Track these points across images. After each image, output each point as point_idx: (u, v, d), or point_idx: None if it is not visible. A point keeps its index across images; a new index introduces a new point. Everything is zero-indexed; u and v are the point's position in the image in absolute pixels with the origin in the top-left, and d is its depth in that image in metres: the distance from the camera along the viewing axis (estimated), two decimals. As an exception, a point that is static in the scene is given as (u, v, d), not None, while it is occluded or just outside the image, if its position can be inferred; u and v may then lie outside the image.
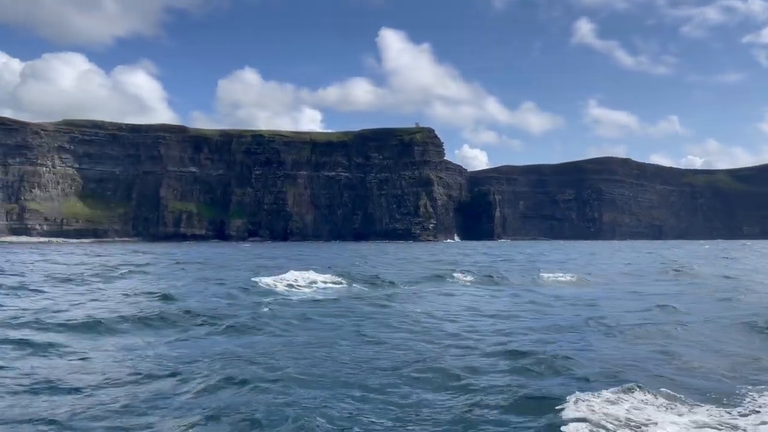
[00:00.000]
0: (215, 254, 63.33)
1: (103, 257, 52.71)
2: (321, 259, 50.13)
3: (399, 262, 47.96)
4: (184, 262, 44.67)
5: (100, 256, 60.63)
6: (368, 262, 44.79)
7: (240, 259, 51.18)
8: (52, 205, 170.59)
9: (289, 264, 41.52)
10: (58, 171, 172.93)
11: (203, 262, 43.58)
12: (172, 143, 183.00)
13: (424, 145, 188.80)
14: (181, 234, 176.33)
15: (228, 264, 42.22)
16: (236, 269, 35.76)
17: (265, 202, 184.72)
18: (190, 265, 39.49)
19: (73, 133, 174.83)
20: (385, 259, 53.21)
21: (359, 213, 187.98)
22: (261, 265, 39.12)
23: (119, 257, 54.52)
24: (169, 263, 42.36)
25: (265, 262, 46.76)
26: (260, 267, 37.73)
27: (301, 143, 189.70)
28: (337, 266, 37.46)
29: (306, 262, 42.96)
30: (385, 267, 39.50)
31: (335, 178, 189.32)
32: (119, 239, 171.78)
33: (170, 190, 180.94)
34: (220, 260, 47.93)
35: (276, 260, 50.38)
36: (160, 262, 46.78)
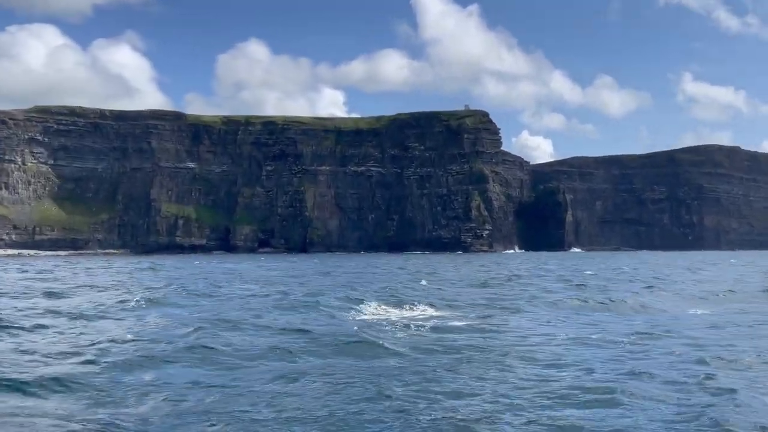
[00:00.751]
0: (223, 270, 56.28)
1: (91, 273, 45.82)
2: (366, 279, 42.71)
3: (486, 279, 39.84)
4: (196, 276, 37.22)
5: (88, 270, 53.86)
6: (437, 283, 38.10)
7: (256, 277, 43.74)
8: (22, 210, 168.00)
9: (328, 285, 35.70)
10: (29, 168, 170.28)
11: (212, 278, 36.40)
12: (166, 133, 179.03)
13: (475, 132, 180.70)
14: (177, 244, 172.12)
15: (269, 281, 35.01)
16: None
17: (279, 204, 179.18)
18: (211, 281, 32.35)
19: (47, 122, 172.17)
20: (448, 274, 45.46)
21: (395, 218, 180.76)
22: (284, 290, 31.45)
23: (108, 275, 47.78)
24: (187, 280, 35.01)
25: (288, 282, 39.17)
26: (289, 292, 30.09)
27: (322, 132, 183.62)
28: (399, 290, 32.09)
29: (348, 284, 36.98)
30: (467, 288, 32.18)
31: (365, 175, 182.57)
32: (102, 251, 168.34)
33: (163, 190, 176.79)
34: (251, 276, 40.62)
35: (304, 279, 42.92)
36: (174, 277, 39.29)
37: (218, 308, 23.32)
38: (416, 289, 31.75)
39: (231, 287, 34.21)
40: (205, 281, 39.55)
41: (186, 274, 50.18)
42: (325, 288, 32.78)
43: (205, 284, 36.62)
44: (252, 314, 20.99)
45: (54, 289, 31.12)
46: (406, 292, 29.84)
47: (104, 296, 28.12)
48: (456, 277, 45.33)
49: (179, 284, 35.72)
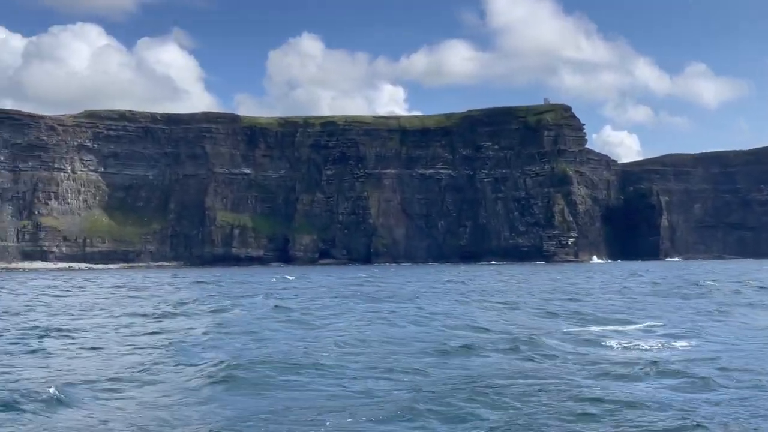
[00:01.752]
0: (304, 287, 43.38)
1: (163, 291, 34.15)
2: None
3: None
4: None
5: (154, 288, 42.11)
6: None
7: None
8: (72, 221, 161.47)
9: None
10: (79, 177, 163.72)
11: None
12: (220, 137, 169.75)
13: (557, 128, 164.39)
14: (233, 255, 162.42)
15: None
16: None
17: (340, 211, 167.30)
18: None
19: (97, 127, 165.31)
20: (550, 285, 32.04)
21: (467, 225, 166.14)
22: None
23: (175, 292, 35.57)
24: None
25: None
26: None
27: (386, 132, 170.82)
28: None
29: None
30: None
31: (434, 178, 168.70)
32: (154, 263, 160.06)
33: (218, 198, 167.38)
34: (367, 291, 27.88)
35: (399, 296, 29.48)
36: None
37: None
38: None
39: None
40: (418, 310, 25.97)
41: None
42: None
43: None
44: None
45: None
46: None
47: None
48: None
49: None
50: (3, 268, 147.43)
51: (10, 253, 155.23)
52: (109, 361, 17.44)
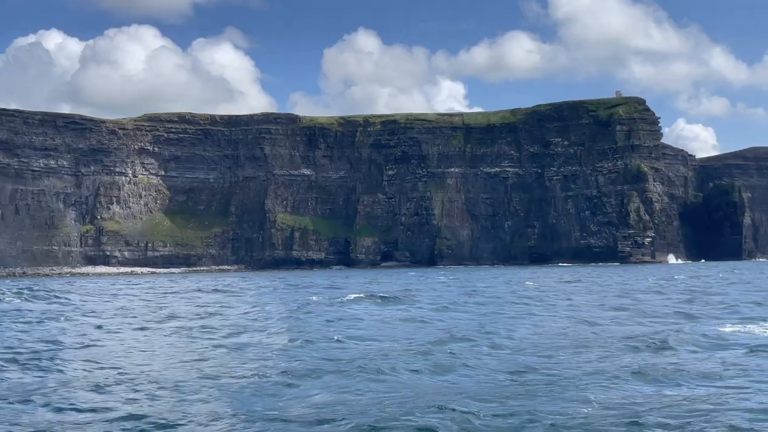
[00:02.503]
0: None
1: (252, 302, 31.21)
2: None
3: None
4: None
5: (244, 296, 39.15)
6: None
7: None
8: (134, 225, 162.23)
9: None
10: (140, 181, 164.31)
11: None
12: (279, 138, 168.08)
13: (630, 122, 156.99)
14: (294, 258, 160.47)
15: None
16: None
17: (403, 212, 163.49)
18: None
19: (157, 130, 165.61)
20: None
21: (536, 225, 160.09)
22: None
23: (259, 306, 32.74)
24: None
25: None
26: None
27: (449, 129, 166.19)
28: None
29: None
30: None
31: (500, 176, 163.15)
32: (215, 267, 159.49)
33: (278, 200, 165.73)
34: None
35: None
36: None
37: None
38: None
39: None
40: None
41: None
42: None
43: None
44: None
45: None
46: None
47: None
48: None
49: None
50: (67, 272, 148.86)
51: (74, 258, 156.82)
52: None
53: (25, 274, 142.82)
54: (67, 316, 31.58)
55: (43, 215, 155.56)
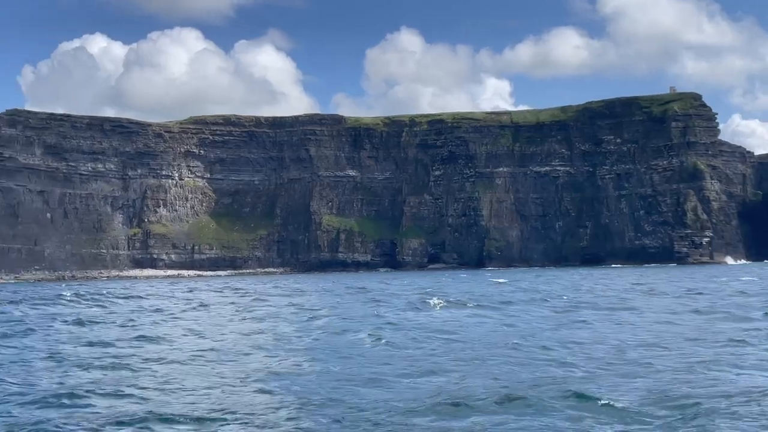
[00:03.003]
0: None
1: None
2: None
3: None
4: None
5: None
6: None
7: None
8: (181, 228, 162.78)
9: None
10: (186, 183, 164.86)
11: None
12: (324, 139, 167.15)
13: (685, 119, 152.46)
14: (339, 261, 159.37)
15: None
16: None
17: (450, 213, 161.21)
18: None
19: (203, 133, 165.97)
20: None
21: (588, 225, 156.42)
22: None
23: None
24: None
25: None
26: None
27: (497, 128, 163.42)
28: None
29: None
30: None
31: (550, 175, 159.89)
32: (261, 269, 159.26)
33: (323, 201, 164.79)
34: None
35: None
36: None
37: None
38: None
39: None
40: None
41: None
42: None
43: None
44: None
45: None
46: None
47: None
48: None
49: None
50: (115, 275, 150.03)
51: (122, 261, 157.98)
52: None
53: (75, 278, 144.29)
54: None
55: (92, 219, 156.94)
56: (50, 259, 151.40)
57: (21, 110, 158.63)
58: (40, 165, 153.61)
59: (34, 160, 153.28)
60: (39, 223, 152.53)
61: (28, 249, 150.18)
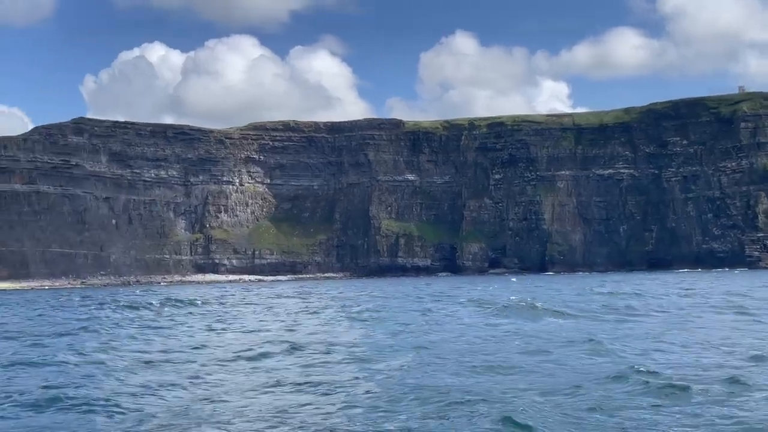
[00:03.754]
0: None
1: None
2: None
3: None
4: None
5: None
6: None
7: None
8: (241, 233, 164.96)
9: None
10: (247, 189, 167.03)
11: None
12: (383, 144, 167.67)
13: (755, 119, 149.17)
14: (399, 265, 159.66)
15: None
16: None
17: (511, 217, 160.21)
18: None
19: (263, 139, 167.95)
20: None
21: (653, 228, 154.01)
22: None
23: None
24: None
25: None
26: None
27: (559, 130, 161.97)
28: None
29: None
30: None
31: (613, 178, 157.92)
32: (321, 274, 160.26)
33: (382, 206, 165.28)
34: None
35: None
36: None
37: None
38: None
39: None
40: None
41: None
42: None
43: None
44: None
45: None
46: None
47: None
48: None
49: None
50: (178, 280, 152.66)
51: (184, 266, 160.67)
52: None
53: (139, 282, 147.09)
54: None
55: (155, 225, 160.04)
56: (116, 264, 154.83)
57: (87, 119, 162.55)
58: (105, 172, 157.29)
59: (99, 167, 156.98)
60: (105, 229, 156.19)
61: (94, 254, 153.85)
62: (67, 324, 37.20)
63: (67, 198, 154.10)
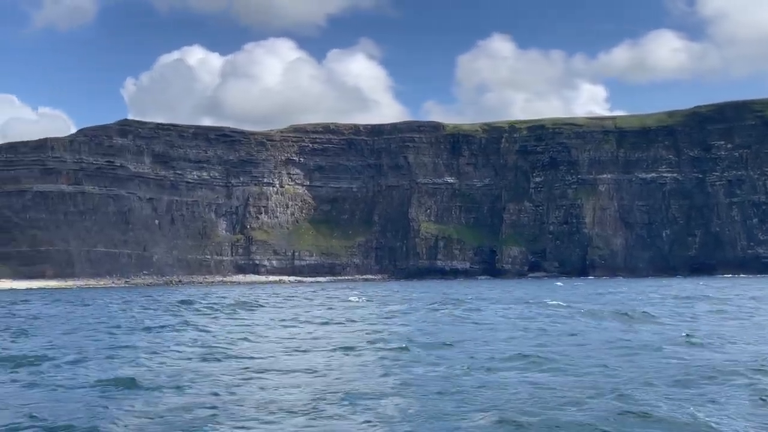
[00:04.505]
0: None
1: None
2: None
3: None
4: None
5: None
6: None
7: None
8: (281, 235, 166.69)
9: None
10: (287, 191, 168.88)
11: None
12: (423, 146, 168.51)
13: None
14: (438, 268, 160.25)
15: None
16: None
17: (551, 221, 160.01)
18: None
19: (303, 141, 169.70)
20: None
21: (697, 233, 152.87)
22: None
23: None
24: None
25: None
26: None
27: (600, 133, 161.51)
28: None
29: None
30: None
31: (656, 182, 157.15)
32: (360, 276, 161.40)
33: (422, 208, 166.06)
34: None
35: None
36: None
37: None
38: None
39: None
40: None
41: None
42: None
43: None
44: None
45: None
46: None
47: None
48: None
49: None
50: (219, 281, 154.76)
51: (225, 267, 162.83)
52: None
53: (181, 282, 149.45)
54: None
55: (197, 225, 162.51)
56: (158, 264, 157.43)
57: (131, 120, 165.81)
58: (149, 173, 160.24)
59: (143, 168, 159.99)
60: (148, 229, 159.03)
61: (137, 254, 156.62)
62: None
63: (112, 198, 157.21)
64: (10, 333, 31.16)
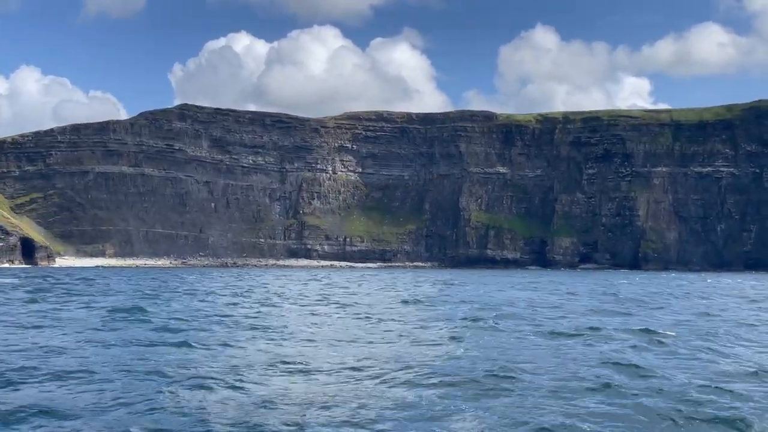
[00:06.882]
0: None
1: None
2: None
3: None
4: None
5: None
6: None
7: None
8: (333, 220, 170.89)
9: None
10: (339, 177, 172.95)
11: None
12: (475, 136, 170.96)
13: None
14: (488, 257, 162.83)
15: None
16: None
17: (604, 213, 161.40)
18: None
19: (356, 128, 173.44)
20: None
21: (752, 228, 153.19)
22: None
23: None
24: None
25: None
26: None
27: (656, 126, 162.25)
28: None
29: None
30: None
31: (712, 176, 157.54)
32: (410, 263, 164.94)
33: (473, 198, 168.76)
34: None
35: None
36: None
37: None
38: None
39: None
40: None
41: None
42: None
43: None
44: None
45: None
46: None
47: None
48: None
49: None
50: (272, 264, 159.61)
51: (278, 251, 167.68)
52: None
53: (236, 265, 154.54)
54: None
55: (251, 209, 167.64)
56: (213, 246, 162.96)
57: (190, 105, 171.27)
58: (206, 157, 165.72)
59: (201, 152, 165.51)
60: (204, 212, 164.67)
61: (194, 236, 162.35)
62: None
63: (170, 181, 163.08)
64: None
